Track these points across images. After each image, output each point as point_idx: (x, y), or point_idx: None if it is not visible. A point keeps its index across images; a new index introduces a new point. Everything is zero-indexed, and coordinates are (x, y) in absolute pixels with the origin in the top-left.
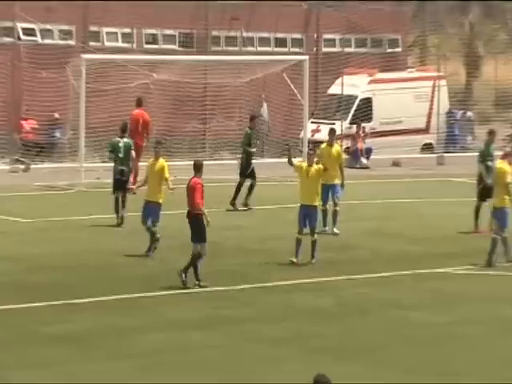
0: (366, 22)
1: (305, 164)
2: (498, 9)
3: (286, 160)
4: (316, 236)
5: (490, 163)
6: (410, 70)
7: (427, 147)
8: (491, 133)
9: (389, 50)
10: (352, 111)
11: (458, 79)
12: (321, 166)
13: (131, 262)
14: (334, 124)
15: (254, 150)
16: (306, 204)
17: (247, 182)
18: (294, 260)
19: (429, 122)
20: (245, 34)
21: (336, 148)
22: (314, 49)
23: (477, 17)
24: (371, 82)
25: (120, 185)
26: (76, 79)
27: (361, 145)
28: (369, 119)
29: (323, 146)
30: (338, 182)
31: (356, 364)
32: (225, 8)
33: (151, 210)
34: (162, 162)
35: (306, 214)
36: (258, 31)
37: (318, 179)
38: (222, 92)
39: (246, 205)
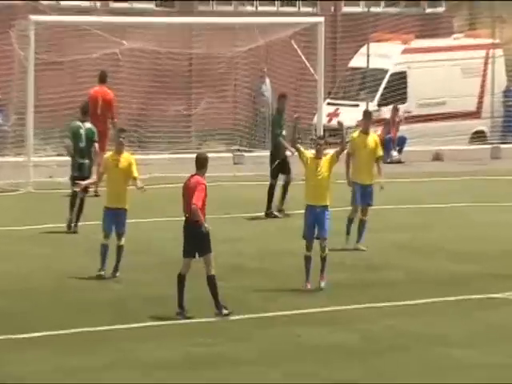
0: None
1: (311, 155)
2: None
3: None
4: (327, 251)
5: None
6: (456, 36)
7: (478, 136)
8: None
9: (429, 11)
10: (381, 90)
11: None
12: (333, 152)
13: (92, 285)
14: (357, 106)
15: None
16: (313, 204)
17: (279, 181)
18: (307, 287)
19: (480, 103)
20: None
21: (373, 137)
22: (332, 8)
23: None
24: (406, 51)
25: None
26: (23, 48)
27: (394, 133)
28: (403, 100)
29: (355, 134)
30: (374, 182)
31: None
32: None
33: (116, 219)
34: (127, 156)
35: (314, 219)
36: None
37: (329, 173)
38: (212, 65)
39: (280, 210)
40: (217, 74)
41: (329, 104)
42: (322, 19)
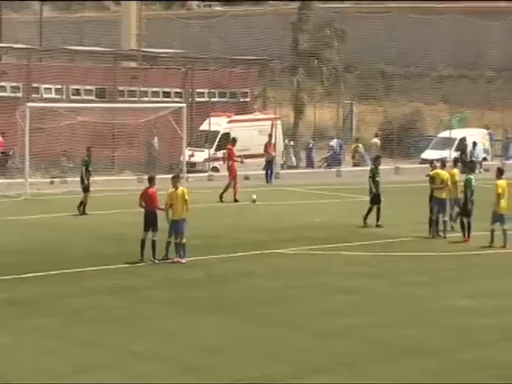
0: (226, 80)
1: None
2: (317, 71)
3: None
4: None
5: (377, 178)
6: (256, 113)
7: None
8: (378, 157)
9: (241, 100)
10: (216, 142)
11: (288, 120)
12: None
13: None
14: (203, 151)
15: None
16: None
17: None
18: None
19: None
20: (142, 89)
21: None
22: (190, 99)
23: (302, 76)
24: (230, 121)
25: None
26: (23, 121)
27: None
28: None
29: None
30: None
31: (220, 318)
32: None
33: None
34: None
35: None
36: (150, 86)
37: None
38: (125, 129)
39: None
40: (128, 133)
41: (189, 150)
42: (184, 105)
